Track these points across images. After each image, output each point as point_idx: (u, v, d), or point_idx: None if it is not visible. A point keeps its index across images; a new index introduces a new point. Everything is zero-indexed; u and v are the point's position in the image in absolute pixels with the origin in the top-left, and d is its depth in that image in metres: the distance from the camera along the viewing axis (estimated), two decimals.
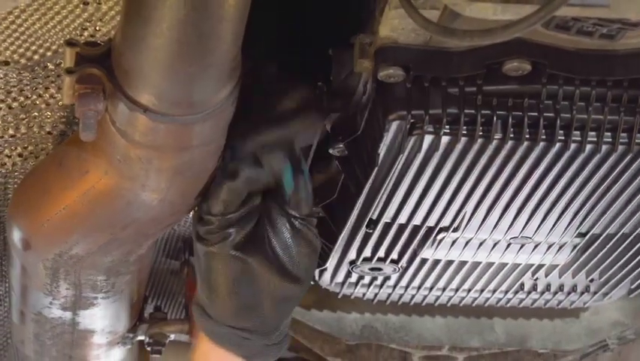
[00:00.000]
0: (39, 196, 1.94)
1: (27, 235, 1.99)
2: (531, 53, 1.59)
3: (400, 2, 1.44)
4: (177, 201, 1.85)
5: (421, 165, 1.72)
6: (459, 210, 1.87)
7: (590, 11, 1.45)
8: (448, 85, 1.62)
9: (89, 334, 2.30)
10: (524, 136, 1.65)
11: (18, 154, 2.08)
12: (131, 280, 2.15)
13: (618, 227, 1.94)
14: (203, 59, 1.54)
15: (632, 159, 1.71)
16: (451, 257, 2.05)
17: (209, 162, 1.81)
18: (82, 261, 2.01)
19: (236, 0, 1.46)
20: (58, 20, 1.83)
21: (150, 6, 1.47)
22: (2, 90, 1.94)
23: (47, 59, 1.89)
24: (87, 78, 1.64)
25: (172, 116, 1.64)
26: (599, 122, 1.66)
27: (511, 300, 2.25)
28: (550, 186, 1.79)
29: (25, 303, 2.21)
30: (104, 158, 1.78)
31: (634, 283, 2.18)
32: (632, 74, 1.61)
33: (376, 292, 2.21)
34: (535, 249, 2.02)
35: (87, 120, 1.65)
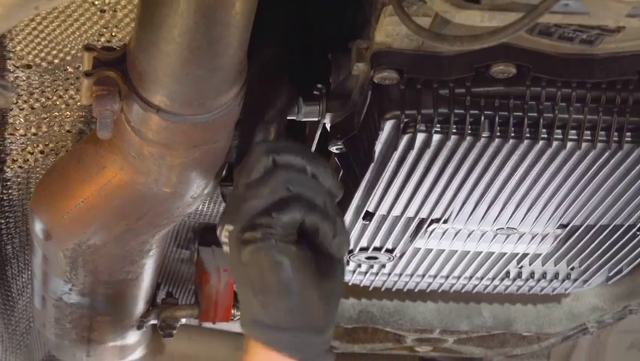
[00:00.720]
0: (59, 190, 1.95)
1: (48, 226, 2.00)
2: (516, 57, 1.59)
3: (394, 10, 1.44)
4: (188, 194, 1.85)
5: (413, 162, 1.72)
6: (449, 203, 1.87)
7: (570, 18, 1.45)
8: (439, 87, 1.62)
9: (105, 318, 2.30)
10: (510, 134, 1.65)
11: (40, 151, 2.08)
12: (145, 267, 2.16)
13: (597, 219, 1.94)
14: (212, 63, 1.55)
15: (610, 155, 1.71)
16: (441, 247, 2.05)
17: (217, 158, 1.81)
18: (99, 250, 2.01)
19: (243, 8, 1.47)
20: (76, 27, 1.83)
21: (162, 14, 1.47)
22: (25, 91, 1.94)
23: (67, 62, 1.89)
24: (104, 80, 1.64)
25: (183, 115, 1.64)
26: (580, 122, 1.66)
27: (497, 287, 2.25)
28: (533, 181, 1.79)
29: (47, 289, 2.21)
30: (119, 154, 1.79)
31: (612, 271, 2.18)
32: (610, 76, 1.61)
33: (372, 279, 2.22)
34: (520, 239, 2.03)
35: (104, 120, 1.65)
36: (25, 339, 2.79)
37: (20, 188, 2.16)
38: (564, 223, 1.96)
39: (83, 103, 1.67)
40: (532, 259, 2.12)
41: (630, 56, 1.60)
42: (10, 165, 2.10)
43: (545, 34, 1.53)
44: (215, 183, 1.89)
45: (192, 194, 1.86)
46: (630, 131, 1.67)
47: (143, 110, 1.63)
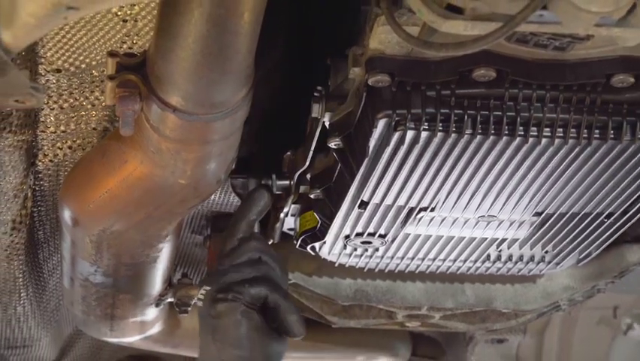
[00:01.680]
0: (86, 182, 1.95)
1: (75, 214, 2.00)
2: (496, 62, 1.59)
3: (387, 20, 1.45)
4: (201, 186, 1.85)
5: (404, 156, 1.72)
6: (436, 193, 1.87)
7: (545, 28, 1.45)
8: (426, 89, 1.62)
9: (127, 296, 2.30)
10: (490, 132, 1.65)
11: (68, 147, 2.08)
12: (163, 251, 2.16)
13: (568, 207, 1.94)
14: (223, 67, 1.55)
15: (580, 150, 1.71)
16: (429, 232, 2.05)
17: (228, 153, 1.81)
18: (121, 235, 2.02)
19: (250, 18, 1.47)
20: (101, 35, 1.83)
21: (178, 23, 1.47)
22: (55, 93, 1.94)
23: (92, 67, 1.89)
24: (126, 83, 1.64)
25: (197, 115, 1.64)
26: (553, 120, 1.66)
27: (479, 268, 2.24)
28: (511, 173, 1.79)
29: (74, 271, 2.21)
30: (139, 150, 1.79)
31: (582, 254, 2.18)
32: (580, 79, 1.61)
33: (367, 261, 2.21)
34: (499, 225, 2.02)
35: (126, 118, 1.65)
36: (56, 315, 2.79)
37: (51, 180, 2.16)
38: (539, 211, 1.96)
39: (107, 103, 1.67)
40: (510, 243, 2.12)
41: (598, 61, 1.60)
42: (41, 159, 2.10)
43: (522, 41, 1.53)
44: (226, 175, 1.90)
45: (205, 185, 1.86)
46: (598, 128, 1.67)
47: (161, 110, 1.64)
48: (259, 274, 1.90)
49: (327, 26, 1.81)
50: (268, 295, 1.88)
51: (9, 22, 1.22)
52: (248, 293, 1.87)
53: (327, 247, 2.12)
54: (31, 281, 2.49)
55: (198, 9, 1.43)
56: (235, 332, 1.87)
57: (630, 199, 1.91)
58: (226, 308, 1.87)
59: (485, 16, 1.33)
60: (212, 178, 1.85)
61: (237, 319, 1.87)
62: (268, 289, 1.89)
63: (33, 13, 1.19)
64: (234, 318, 1.87)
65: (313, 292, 2.37)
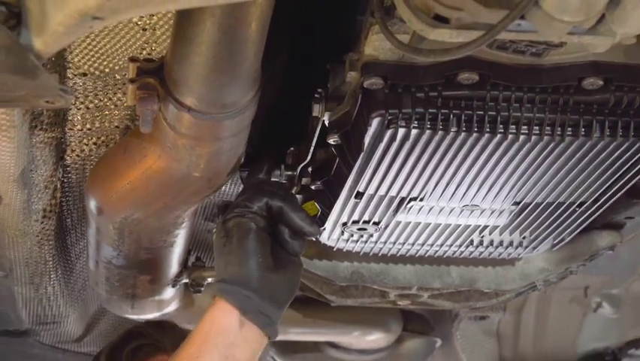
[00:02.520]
0: (109, 174, 1.95)
1: (100, 203, 2.00)
2: (478, 66, 1.59)
3: (380, 29, 1.45)
4: (213, 178, 1.86)
5: (395, 151, 1.72)
6: (425, 185, 1.87)
7: (522, 36, 1.45)
8: (416, 91, 1.62)
9: (147, 277, 2.30)
10: (473, 129, 1.65)
11: (93, 143, 2.08)
12: (178, 237, 2.16)
13: (544, 197, 1.94)
14: (233, 71, 1.55)
15: (554, 146, 1.71)
16: (418, 220, 2.05)
17: (237, 148, 1.81)
18: (141, 223, 2.02)
19: (257, 27, 1.47)
20: (123, 42, 1.83)
21: (192, 32, 1.48)
22: (81, 95, 1.94)
23: (115, 71, 1.89)
24: (145, 86, 1.64)
25: (209, 114, 1.64)
26: (530, 119, 1.66)
27: (463, 252, 2.24)
28: (492, 167, 1.79)
29: (99, 254, 2.21)
30: (158, 145, 1.79)
31: (556, 240, 2.18)
32: (554, 82, 1.62)
33: (362, 246, 2.21)
34: (482, 214, 2.02)
35: (145, 117, 1.66)
36: (82, 294, 2.79)
37: (78, 173, 2.16)
38: (517, 201, 1.96)
39: (128, 104, 1.68)
40: (492, 230, 2.12)
41: (570, 65, 1.60)
42: (69, 154, 2.10)
43: (502, 48, 1.53)
44: (235, 168, 1.90)
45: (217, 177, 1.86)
46: (570, 126, 1.68)
47: (177, 110, 1.64)
48: (261, 190, 1.88)
49: (327, 34, 1.81)
50: (268, 201, 1.86)
51: (40, 31, 1.23)
52: (252, 207, 1.85)
53: (326, 233, 2.12)
54: (60, 264, 2.50)
55: (210, 19, 1.44)
56: (239, 245, 1.84)
57: (599, 190, 1.91)
58: (234, 222, 1.86)
59: (469, 26, 1.33)
60: (223, 171, 1.86)
61: (244, 230, 1.84)
62: (267, 197, 1.86)
63: (62, 22, 1.19)
64: (241, 231, 1.84)
65: (314, 274, 2.37)
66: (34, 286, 2.54)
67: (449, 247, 2.22)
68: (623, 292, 2.95)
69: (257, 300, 1.83)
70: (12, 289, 2.52)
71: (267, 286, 1.85)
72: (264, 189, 1.89)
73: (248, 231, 1.84)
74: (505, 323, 3.14)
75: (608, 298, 3.00)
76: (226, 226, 1.86)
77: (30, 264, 2.35)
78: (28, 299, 2.65)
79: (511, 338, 3.18)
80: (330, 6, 1.69)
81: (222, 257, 1.86)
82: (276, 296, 1.87)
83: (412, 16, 1.32)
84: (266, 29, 1.49)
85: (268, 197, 1.86)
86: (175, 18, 1.53)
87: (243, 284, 1.83)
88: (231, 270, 1.84)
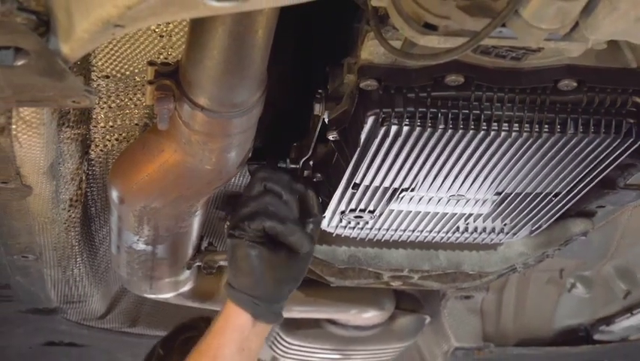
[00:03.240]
0: (130, 167, 1.95)
1: (121, 193, 2.00)
2: (464, 69, 1.59)
3: (375, 35, 1.45)
4: (224, 170, 1.86)
5: (389, 146, 1.72)
6: (415, 176, 1.87)
7: (503, 41, 1.46)
8: (407, 92, 1.62)
9: (164, 260, 2.30)
10: (459, 126, 1.65)
11: (115, 139, 2.07)
12: (192, 224, 2.16)
13: (523, 188, 1.94)
14: (241, 74, 1.55)
15: (532, 142, 1.71)
16: (409, 208, 2.05)
17: (245, 144, 1.81)
18: (159, 211, 2.02)
19: (264, 34, 1.47)
20: (142, 48, 1.83)
21: (205, 38, 1.48)
22: (105, 95, 1.94)
23: (135, 74, 1.89)
24: (162, 87, 1.64)
25: (220, 113, 1.64)
26: (510, 117, 1.66)
27: (450, 238, 2.25)
28: (476, 160, 1.79)
29: (120, 240, 2.21)
30: (174, 141, 1.79)
31: (534, 227, 2.18)
32: (533, 84, 1.62)
33: (359, 232, 2.21)
34: (467, 203, 2.02)
35: (162, 116, 1.66)
36: (105, 276, 2.79)
37: (101, 166, 2.16)
38: (499, 191, 1.96)
39: (147, 103, 1.67)
40: (476, 217, 2.12)
41: (547, 68, 1.60)
42: (93, 149, 2.10)
43: (485, 53, 1.53)
44: (244, 162, 1.90)
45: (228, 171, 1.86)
46: (547, 124, 1.68)
47: (191, 109, 1.64)
48: (259, 207, 1.89)
49: (326, 40, 1.81)
50: (265, 226, 1.88)
51: (67, 37, 1.23)
52: (249, 229, 1.88)
53: (326, 220, 2.12)
54: (85, 248, 2.50)
55: (221, 26, 1.44)
56: (243, 262, 1.90)
57: (573, 181, 1.91)
58: (234, 243, 1.90)
59: (455, 32, 1.34)
60: (233, 164, 1.85)
61: (244, 252, 1.89)
62: (263, 221, 1.87)
63: (87, 29, 1.19)
64: (242, 251, 1.89)
65: (315, 258, 2.37)
66: (62, 269, 2.54)
67: (437, 233, 2.22)
68: (594, 274, 2.95)
69: (265, 305, 1.94)
70: (42, 271, 2.52)
71: (274, 291, 1.94)
72: (264, 210, 1.89)
73: (247, 252, 1.90)
74: (488, 301, 3.14)
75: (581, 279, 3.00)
76: (230, 242, 1.93)
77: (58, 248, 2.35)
78: (56, 280, 2.65)
79: (494, 315, 3.18)
80: (330, 15, 1.69)
81: (231, 266, 1.94)
82: (282, 295, 1.97)
83: (403, 24, 1.32)
84: (272, 36, 1.49)
85: (265, 218, 1.88)
86: (189, 25, 1.53)
87: (251, 294, 1.92)
88: (240, 281, 1.93)
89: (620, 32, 1.30)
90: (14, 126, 1.66)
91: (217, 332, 1.95)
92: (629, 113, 1.67)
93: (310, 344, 3.15)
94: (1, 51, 1.22)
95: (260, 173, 1.94)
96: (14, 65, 1.24)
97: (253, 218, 1.88)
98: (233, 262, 1.92)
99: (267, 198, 1.90)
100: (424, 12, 1.30)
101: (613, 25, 1.27)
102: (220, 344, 1.94)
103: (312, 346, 3.15)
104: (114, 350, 3.68)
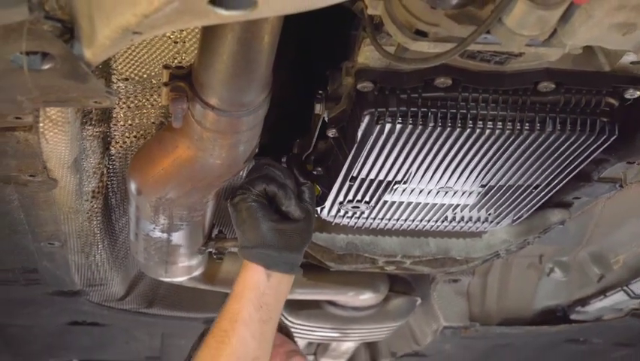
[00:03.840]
0: (147, 162, 1.94)
1: (139, 185, 2.00)
2: (452, 72, 1.59)
3: (371, 41, 1.45)
4: (232, 165, 1.86)
5: (383, 143, 1.73)
6: (407, 170, 1.87)
7: (488, 47, 1.46)
8: (400, 93, 1.63)
9: (178, 247, 2.30)
10: (447, 124, 1.66)
11: (134, 136, 2.07)
12: (204, 213, 2.16)
13: (506, 181, 1.94)
14: (249, 76, 1.55)
15: (514, 139, 1.72)
16: (402, 199, 2.05)
17: (252, 140, 1.81)
18: (174, 202, 2.02)
19: (269, 40, 1.47)
20: (158, 53, 1.82)
21: (215, 44, 1.48)
22: (124, 96, 1.93)
23: (152, 76, 1.89)
24: (177, 89, 1.64)
25: (229, 112, 1.64)
26: (494, 116, 1.66)
27: (439, 226, 2.25)
28: (463, 155, 1.79)
29: (138, 228, 2.21)
30: (187, 138, 1.79)
31: (516, 216, 2.18)
32: (515, 85, 1.62)
33: (356, 221, 2.22)
34: (454, 194, 2.03)
35: (177, 115, 1.66)
36: (124, 261, 2.79)
37: (120, 160, 2.16)
38: (484, 184, 1.97)
39: (163, 104, 1.67)
40: (462, 208, 2.13)
41: (528, 72, 1.61)
42: (114, 145, 2.09)
43: (471, 57, 1.53)
44: (251, 156, 1.90)
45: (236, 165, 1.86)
46: (528, 122, 1.68)
47: (203, 109, 1.64)
48: (261, 175, 1.89)
49: (326, 46, 1.81)
50: (265, 187, 1.87)
51: (89, 43, 1.23)
52: (252, 190, 1.87)
53: (326, 210, 2.13)
54: (106, 236, 2.50)
55: (231, 33, 1.44)
56: (247, 214, 1.87)
57: (552, 175, 1.92)
58: (239, 199, 1.88)
59: (444, 39, 1.34)
60: (241, 159, 1.85)
61: (248, 204, 1.87)
62: (265, 183, 1.87)
63: (108, 36, 1.19)
64: (245, 204, 1.87)
65: (316, 244, 2.37)
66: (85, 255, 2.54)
67: (428, 222, 2.22)
68: (571, 259, 2.95)
69: (275, 254, 1.87)
70: (66, 257, 2.52)
71: (281, 239, 1.87)
72: (265, 175, 1.89)
73: (251, 203, 1.87)
74: (474, 284, 3.14)
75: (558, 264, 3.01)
76: (233, 202, 1.90)
77: (81, 236, 2.35)
78: (79, 265, 2.65)
79: (479, 297, 3.18)
80: (329, 23, 1.69)
81: (239, 228, 1.90)
82: (292, 244, 1.89)
83: (396, 31, 1.33)
84: (276, 42, 1.49)
85: (266, 183, 1.88)
86: (201, 33, 1.53)
87: (260, 245, 1.87)
88: (248, 236, 1.88)
89: (594, 38, 1.30)
90: (41, 124, 1.66)
91: (235, 297, 1.88)
92: (603, 112, 1.67)
93: (312, 324, 3.15)
94: (29, 56, 1.23)
95: (263, 159, 1.94)
96: (41, 69, 1.25)
97: (255, 182, 1.88)
98: (239, 220, 1.89)
99: (268, 170, 1.91)
100: (416, 20, 1.31)
101: (588, 32, 1.27)
102: (239, 307, 1.87)
103: (314, 325, 3.16)
104: (132, 329, 3.68)
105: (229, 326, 1.85)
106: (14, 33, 1.18)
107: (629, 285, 2.85)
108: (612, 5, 1.20)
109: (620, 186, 2.12)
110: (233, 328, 1.84)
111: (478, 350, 3.63)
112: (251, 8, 1.09)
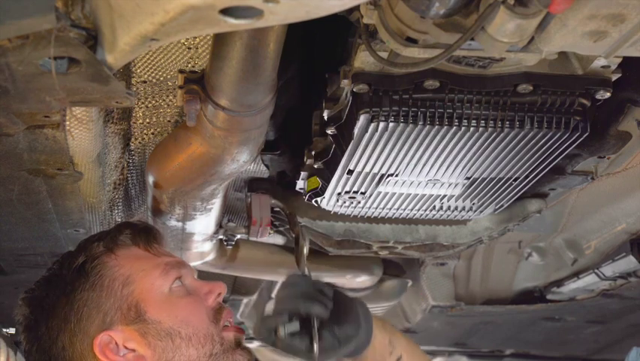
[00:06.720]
0: (163, 157, 1.95)
1: (157, 179, 2.00)
2: (439, 75, 1.59)
3: (366, 47, 1.45)
4: (242, 160, 1.86)
5: (377, 139, 1.73)
6: (399, 164, 1.87)
7: (472, 52, 1.46)
8: (393, 94, 1.63)
9: (191, 235, 2.30)
10: (435, 123, 1.66)
11: (151, 133, 2.07)
12: (215, 204, 2.16)
13: (488, 173, 1.94)
14: (256, 80, 1.55)
15: (495, 136, 1.72)
16: (394, 191, 2.05)
17: (259, 138, 1.81)
18: (188, 194, 2.02)
19: (274, 46, 1.47)
20: (173, 58, 1.82)
21: (225, 51, 1.48)
22: (142, 97, 1.93)
23: (168, 79, 1.88)
24: (190, 91, 1.65)
25: (238, 112, 1.64)
26: (477, 115, 1.66)
27: (428, 215, 2.25)
28: (450, 151, 1.79)
29: (155, 217, 2.22)
30: (200, 135, 1.79)
31: (497, 205, 2.18)
32: (496, 87, 1.62)
33: (352, 210, 2.21)
34: (442, 186, 2.02)
35: (191, 114, 1.66)
36: None
37: (139, 155, 2.16)
38: (468, 176, 1.96)
39: (178, 104, 1.68)
40: (449, 198, 2.12)
41: (508, 75, 1.60)
42: (133, 141, 2.09)
43: (457, 62, 1.53)
44: (258, 152, 1.90)
45: (244, 160, 1.86)
46: (508, 121, 1.68)
47: (214, 109, 1.64)
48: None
49: (326, 52, 1.81)
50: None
51: (111, 49, 1.23)
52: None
53: (325, 200, 2.13)
54: None
55: (239, 40, 1.44)
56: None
57: (530, 168, 1.92)
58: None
59: (432, 45, 1.34)
60: (250, 155, 1.86)
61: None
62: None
63: (128, 43, 1.19)
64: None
65: (316, 231, 2.37)
66: None
67: (417, 211, 2.22)
68: (547, 245, 2.95)
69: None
70: None
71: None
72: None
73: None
74: (459, 268, 3.14)
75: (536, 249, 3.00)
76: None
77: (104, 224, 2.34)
78: None
79: (464, 279, 3.18)
80: (329, 30, 1.69)
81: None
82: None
83: (389, 38, 1.33)
84: (280, 48, 1.49)
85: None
86: (212, 40, 1.53)
87: None
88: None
89: (568, 45, 1.30)
90: (68, 123, 1.66)
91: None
92: (576, 112, 1.67)
93: None
94: (57, 60, 1.23)
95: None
96: (68, 72, 1.25)
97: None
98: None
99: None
100: (407, 28, 1.31)
101: (563, 39, 1.27)
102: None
103: None
104: None
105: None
106: (43, 40, 1.18)
107: (600, 268, 2.85)
108: (584, 15, 1.21)
109: (591, 178, 2.12)
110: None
111: (463, 327, 3.63)
112: (257, 18, 1.09)
